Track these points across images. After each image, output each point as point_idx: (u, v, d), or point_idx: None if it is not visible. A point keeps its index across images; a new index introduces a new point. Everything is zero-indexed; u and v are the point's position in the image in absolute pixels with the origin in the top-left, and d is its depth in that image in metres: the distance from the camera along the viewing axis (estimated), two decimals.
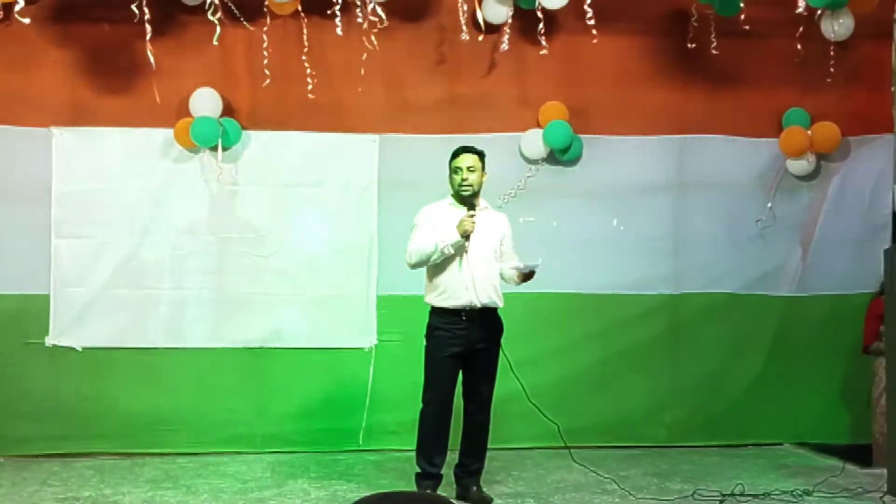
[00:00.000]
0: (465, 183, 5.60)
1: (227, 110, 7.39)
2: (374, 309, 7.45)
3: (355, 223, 7.47)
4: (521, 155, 7.65)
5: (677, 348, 7.74)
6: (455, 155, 5.71)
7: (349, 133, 7.44)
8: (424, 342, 5.72)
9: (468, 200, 5.65)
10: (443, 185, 5.97)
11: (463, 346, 5.58)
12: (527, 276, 5.63)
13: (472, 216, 5.45)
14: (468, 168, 5.60)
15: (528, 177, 7.49)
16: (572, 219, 7.63)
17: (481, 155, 5.77)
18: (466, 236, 5.48)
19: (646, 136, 7.74)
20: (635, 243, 7.71)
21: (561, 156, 7.60)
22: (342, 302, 7.45)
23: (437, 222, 5.67)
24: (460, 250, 5.60)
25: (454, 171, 5.63)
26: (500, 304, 5.70)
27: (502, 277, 5.73)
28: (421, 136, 7.43)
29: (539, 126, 7.62)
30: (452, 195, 5.74)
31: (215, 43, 6.60)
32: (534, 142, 7.61)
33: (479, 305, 5.57)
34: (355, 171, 7.48)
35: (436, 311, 5.66)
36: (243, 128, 7.43)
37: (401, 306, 7.14)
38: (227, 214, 7.43)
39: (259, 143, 7.46)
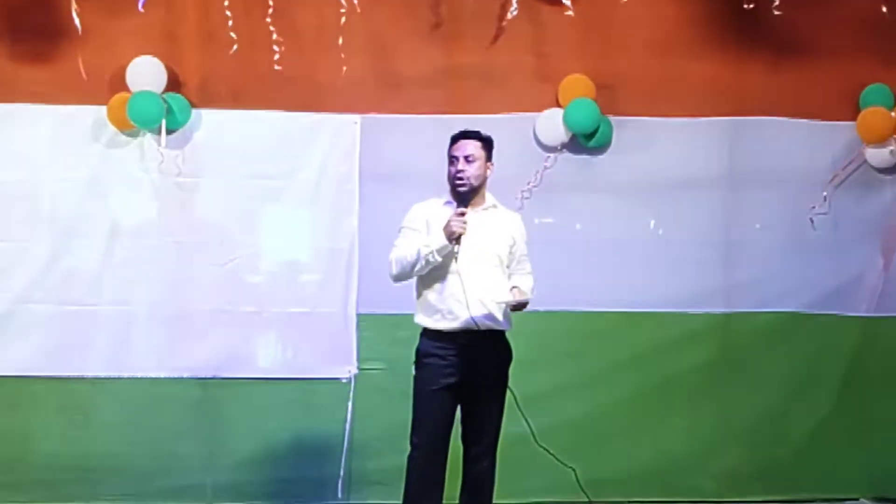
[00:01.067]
0: (460, 175, 5.01)
1: (173, 84, 6.69)
2: (355, 330, 6.73)
3: (331, 224, 6.77)
4: (537, 141, 6.93)
5: (728, 380, 7.06)
6: (453, 141, 5.15)
7: (324, 113, 6.77)
8: (413, 371, 5.14)
9: (464, 197, 5.05)
10: (440, 177, 5.33)
11: (460, 377, 4.97)
12: (518, 308, 5.10)
13: (461, 214, 4.89)
14: (466, 158, 5.02)
15: (546, 168, 6.81)
16: (599, 220, 6.97)
17: (486, 142, 5.15)
18: (455, 239, 4.88)
19: (690, 119, 7.01)
20: (676, 250, 7.01)
21: (586, 142, 6.88)
22: (315, 321, 6.73)
23: (428, 224, 5.08)
24: (450, 258, 4.99)
25: (449, 161, 5.09)
26: (506, 326, 5.10)
27: None
28: (413, 116, 6.77)
29: (559, 105, 6.88)
30: (450, 191, 5.18)
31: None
32: (552, 124, 6.86)
33: (479, 328, 4.95)
34: (332, 159, 6.77)
35: (428, 334, 5.09)
36: (193, 105, 6.70)
37: (387, 327, 6.57)
38: (173, 213, 6.73)
39: (212, 125, 6.76)
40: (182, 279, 6.75)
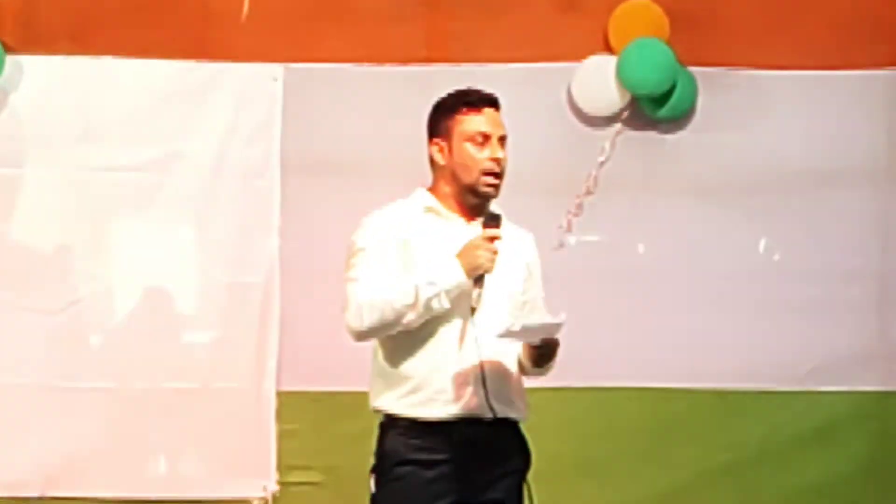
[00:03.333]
0: (497, 170, 3.94)
1: None
2: (272, 420, 5.52)
3: (236, 244, 5.63)
4: (574, 108, 5.67)
5: (888, 496, 5.82)
6: (468, 104, 3.97)
7: (224, 62, 5.57)
8: (373, 487, 3.96)
9: (492, 212, 3.99)
10: (410, 165, 4.33)
11: (456, 495, 3.88)
12: (544, 353, 3.97)
13: (492, 238, 3.87)
14: (501, 139, 3.98)
15: (601, 162, 5.69)
16: (675, 238, 5.76)
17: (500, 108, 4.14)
18: (478, 280, 3.88)
19: (826, 72, 5.74)
20: (801, 287, 5.76)
21: (654, 110, 5.70)
22: (208, 405, 5.54)
23: (408, 247, 3.93)
24: (463, 304, 3.92)
25: (469, 138, 3.93)
26: (523, 413, 4.08)
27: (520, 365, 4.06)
28: (369, 67, 5.63)
29: (609, 50, 5.69)
30: (429, 190, 4.00)
31: None
32: (600, 82, 5.70)
33: (490, 416, 3.93)
34: (236, 138, 5.61)
35: (399, 427, 3.96)
36: (8, 49, 5.51)
37: (326, 415, 5.58)
38: None
39: (41, 82, 5.63)
40: None
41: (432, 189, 3.96)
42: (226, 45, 5.54)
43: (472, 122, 3.93)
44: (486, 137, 3.92)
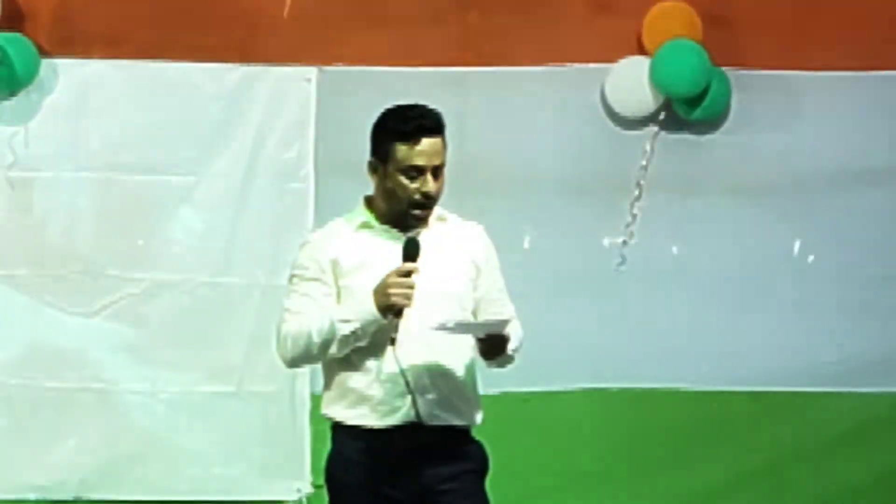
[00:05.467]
0: (423, 199, 3.92)
1: (11, 18, 5.55)
2: (307, 422, 5.56)
3: (270, 246, 5.60)
4: (607, 109, 5.72)
5: None
6: (405, 137, 3.92)
7: (258, 65, 5.61)
8: (327, 496, 4.19)
9: (416, 244, 3.89)
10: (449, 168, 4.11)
11: (405, 497, 3.96)
12: (493, 342, 3.95)
13: (408, 273, 3.83)
14: (435, 170, 3.92)
15: (644, 165, 5.72)
16: (709, 240, 5.78)
17: (445, 130, 4.02)
18: (397, 313, 3.85)
19: (860, 73, 5.75)
20: (839, 289, 5.75)
21: (687, 112, 5.74)
22: (243, 408, 5.58)
23: (337, 267, 3.96)
24: (384, 333, 3.88)
25: (400, 169, 3.87)
26: (470, 418, 4.07)
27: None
28: (401, 69, 5.62)
29: (644, 52, 5.74)
30: (369, 209, 3.99)
31: None
32: (633, 83, 5.73)
33: (427, 423, 3.98)
34: (270, 140, 5.66)
35: (344, 434, 4.07)
36: (43, 52, 5.56)
37: None
38: (11, 228, 5.64)
39: (73, 84, 5.61)
40: (18, 339, 5.62)
41: (371, 199, 4.02)
42: (260, 48, 5.56)
43: (407, 154, 3.94)
44: (420, 170, 3.98)
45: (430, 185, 3.90)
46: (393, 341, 3.92)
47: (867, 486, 5.69)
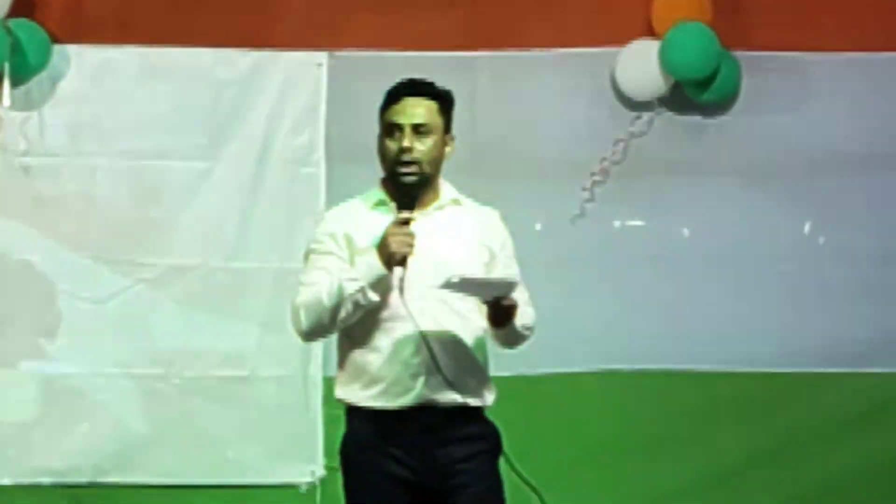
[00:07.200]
0: (405, 158, 3.95)
1: (23, 5, 5.51)
2: (319, 405, 5.59)
3: (282, 231, 5.64)
4: (617, 92, 5.74)
5: None
6: (391, 98, 4.04)
7: (269, 49, 5.62)
8: (342, 478, 4.13)
9: (410, 194, 3.95)
10: (459, 153, 4.20)
11: (419, 480, 3.97)
12: (501, 308, 3.96)
13: (405, 222, 3.88)
14: (415, 129, 3.94)
15: (632, 136, 5.67)
16: (719, 221, 5.78)
17: (445, 101, 4.03)
18: (399, 262, 3.84)
19: (870, 54, 5.75)
20: (852, 270, 5.75)
21: (697, 94, 5.75)
22: (255, 392, 5.60)
23: (351, 242, 4.00)
24: (395, 308, 3.95)
25: (384, 130, 4.01)
26: (484, 399, 4.09)
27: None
28: (413, 54, 5.58)
29: (653, 35, 5.71)
30: (381, 186, 4.05)
31: None
32: (643, 66, 5.73)
33: (440, 403, 3.99)
34: (282, 125, 5.68)
35: (358, 416, 4.09)
36: (54, 39, 5.54)
37: None
38: (23, 214, 5.64)
39: (86, 71, 5.63)
40: (32, 325, 5.64)
41: (385, 180, 4.06)
42: (271, 33, 5.56)
43: (388, 113, 4.04)
44: (398, 127, 4.05)
45: (406, 140, 3.95)
46: (401, 291, 3.92)
47: (882, 466, 5.67)
